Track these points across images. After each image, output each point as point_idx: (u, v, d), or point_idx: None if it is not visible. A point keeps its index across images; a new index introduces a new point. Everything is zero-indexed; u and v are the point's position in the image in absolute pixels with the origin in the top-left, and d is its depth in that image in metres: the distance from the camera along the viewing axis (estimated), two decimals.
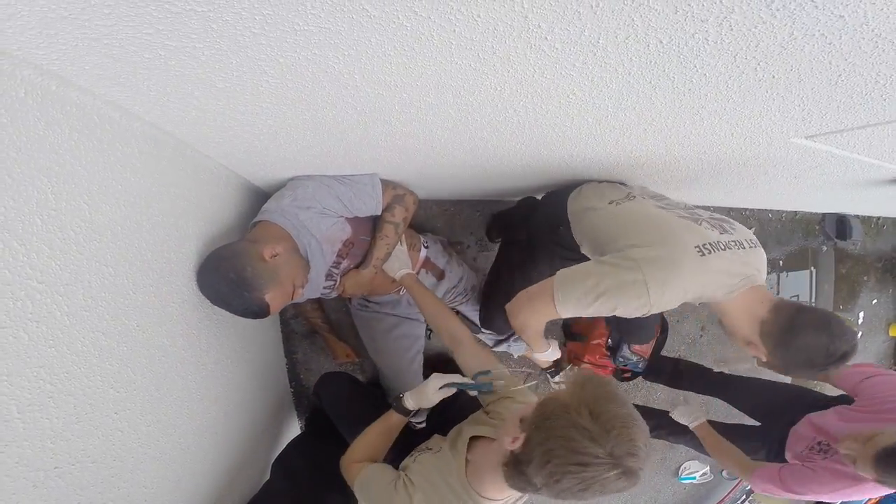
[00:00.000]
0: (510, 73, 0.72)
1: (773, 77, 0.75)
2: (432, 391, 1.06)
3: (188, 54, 0.62)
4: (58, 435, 0.67)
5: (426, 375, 1.68)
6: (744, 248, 1.01)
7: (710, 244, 0.96)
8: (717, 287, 0.97)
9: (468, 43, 0.62)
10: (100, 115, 0.73)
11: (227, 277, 1.00)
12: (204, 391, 1.09)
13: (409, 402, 1.07)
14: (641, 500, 2.49)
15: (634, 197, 1.18)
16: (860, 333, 3.09)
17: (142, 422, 0.86)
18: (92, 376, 0.73)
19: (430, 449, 1.00)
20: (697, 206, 1.19)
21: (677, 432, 1.81)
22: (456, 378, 1.08)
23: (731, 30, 0.61)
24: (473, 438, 0.94)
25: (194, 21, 0.55)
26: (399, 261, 1.35)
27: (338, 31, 0.59)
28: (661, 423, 1.83)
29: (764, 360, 1.01)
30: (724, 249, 0.96)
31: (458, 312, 1.65)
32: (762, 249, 1.06)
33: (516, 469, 0.76)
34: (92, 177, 0.72)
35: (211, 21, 0.55)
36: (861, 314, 3.07)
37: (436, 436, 1.05)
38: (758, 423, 1.68)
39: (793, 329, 0.94)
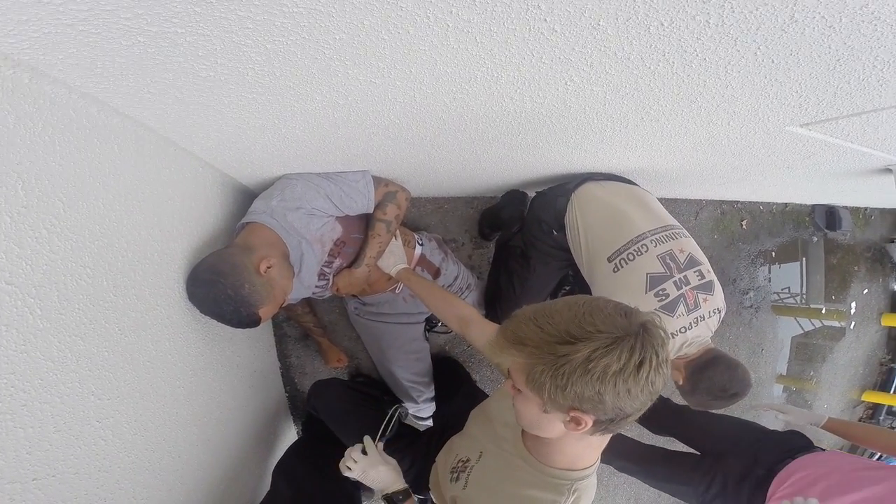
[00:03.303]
0: (507, 58, 0.69)
1: (773, 62, 0.74)
2: (382, 469, 0.97)
3: (169, 40, 0.59)
4: (34, 445, 0.63)
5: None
6: (703, 319, 1.19)
7: (675, 333, 1.16)
8: (677, 354, 1.24)
9: (465, 25, 0.60)
10: (75, 109, 0.69)
11: (224, 293, 0.97)
12: (194, 397, 1.05)
13: (392, 487, 0.97)
14: (621, 500, 2.44)
15: (632, 259, 1.20)
16: (853, 323, 3.12)
17: (127, 430, 0.83)
18: (69, 383, 0.69)
19: (469, 460, 0.90)
20: (699, 263, 1.21)
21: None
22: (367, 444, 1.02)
23: (734, 12, 0.60)
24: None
25: (176, 4, 0.52)
26: (394, 256, 1.31)
27: (328, 14, 0.56)
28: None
29: (681, 383, 1.25)
30: (687, 333, 1.17)
31: None
32: (721, 315, 1.24)
33: (610, 428, 0.67)
34: (67, 174, 0.68)
35: (194, 3, 0.52)
36: (853, 304, 3.09)
37: (453, 440, 1.00)
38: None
39: (709, 364, 1.20)
